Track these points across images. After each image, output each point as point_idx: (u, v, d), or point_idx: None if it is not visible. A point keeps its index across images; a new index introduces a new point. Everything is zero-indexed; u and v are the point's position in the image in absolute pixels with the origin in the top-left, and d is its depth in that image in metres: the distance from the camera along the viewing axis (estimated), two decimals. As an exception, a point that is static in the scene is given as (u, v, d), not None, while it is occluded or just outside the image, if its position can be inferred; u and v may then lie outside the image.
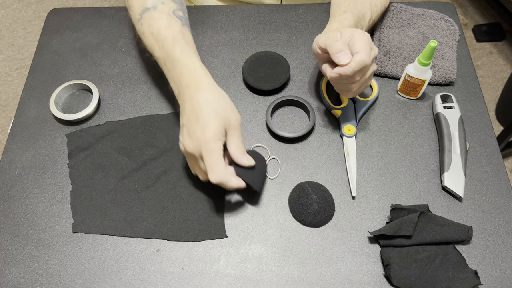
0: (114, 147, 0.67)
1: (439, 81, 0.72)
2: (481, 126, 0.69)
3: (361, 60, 0.56)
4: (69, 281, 0.58)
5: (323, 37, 0.60)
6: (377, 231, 0.58)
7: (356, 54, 0.56)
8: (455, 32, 0.77)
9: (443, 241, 0.58)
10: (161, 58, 0.62)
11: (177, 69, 0.59)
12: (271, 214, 0.62)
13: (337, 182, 0.65)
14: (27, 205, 0.63)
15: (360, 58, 0.56)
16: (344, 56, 0.56)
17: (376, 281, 0.57)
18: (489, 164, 0.66)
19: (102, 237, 0.61)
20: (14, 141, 0.69)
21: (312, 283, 0.57)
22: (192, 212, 0.62)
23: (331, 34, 0.59)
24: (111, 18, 0.82)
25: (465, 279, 0.56)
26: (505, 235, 0.60)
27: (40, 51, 0.78)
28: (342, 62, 0.56)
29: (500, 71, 1.71)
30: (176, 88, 0.60)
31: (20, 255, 0.60)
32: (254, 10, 0.83)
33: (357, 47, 0.57)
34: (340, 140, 0.68)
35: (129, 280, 0.58)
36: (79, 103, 0.73)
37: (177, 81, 0.59)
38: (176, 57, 0.59)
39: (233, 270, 0.58)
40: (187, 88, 0.58)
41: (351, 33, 0.58)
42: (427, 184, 0.64)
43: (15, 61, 1.76)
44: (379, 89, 0.73)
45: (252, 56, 0.74)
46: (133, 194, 0.64)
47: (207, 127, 0.54)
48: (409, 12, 0.79)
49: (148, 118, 0.70)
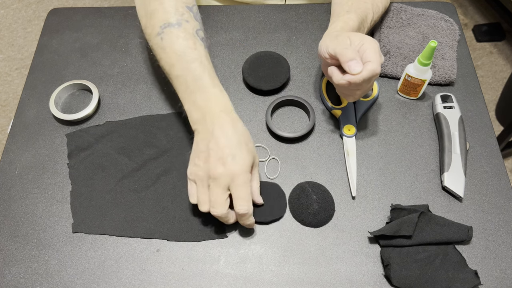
0: (114, 147, 0.67)
1: (439, 81, 0.72)
2: (481, 126, 0.69)
3: (372, 70, 0.56)
4: (69, 281, 0.58)
5: (332, 43, 0.59)
6: (377, 231, 0.58)
7: (367, 63, 0.56)
8: (455, 32, 0.77)
9: (443, 241, 0.58)
10: (181, 78, 0.60)
11: (205, 95, 0.58)
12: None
13: (337, 182, 0.65)
14: (27, 205, 0.63)
15: (372, 68, 0.56)
16: (356, 65, 0.56)
17: (376, 281, 0.57)
18: (489, 164, 0.66)
19: (102, 237, 0.61)
20: (14, 141, 0.69)
21: (312, 283, 0.57)
22: (192, 212, 0.62)
23: (340, 41, 0.59)
24: (111, 18, 0.82)
25: (465, 279, 0.56)
26: (505, 235, 0.60)
27: (40, 51, 0.78)
28: (354, 71, 0.56)
29: (500, 71, 1.71)
30: (198, 112, 0.58)
31: (20, 255, 0.60)
32: (254, 10, 0.83)
33: (369, 56, 0.56)
34: (340, 140, 0.68)
35: (129, 280, 0.58)
36: (79, 103, 0.73)
37: (203, 106, 0.58)
38: (204, 84, 0.59)
39: (233, 270, 0.58)
40: (218, 116, 0.57)
41: (361, 40, 0.58)
42: (427, 184, 0.64)
43: (15, 61, 1.76)
44: (379, 89, 0.73)
45: (252, 56, 0.74)
46: (133, 194, 0.64)
47: (243, 159, 0.55)
48: (409, 12, 0.79)
49: (148, 118, 0.70)
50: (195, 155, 0.58)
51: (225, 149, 0.55)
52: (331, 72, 0.60)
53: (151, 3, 0.65)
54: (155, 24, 0.63)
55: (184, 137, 0.68)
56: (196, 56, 0.60)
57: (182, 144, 0.68)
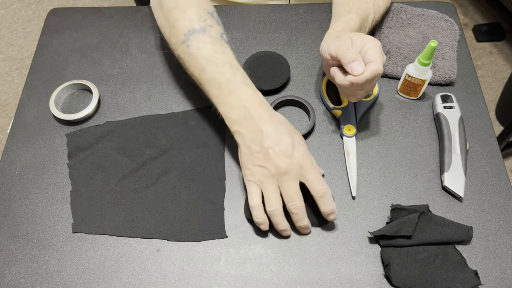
0: (114, 147, 0.67)
1: (439, 81, 0.72)
2: (481, 126, 0.69)
3: (375, 70, 0.56)
4: (69, 281, 0.58)
5: (334, 44, 0.59)
6: (377, 231, 0.58)
7: (370, 64, 0.56)
8: (455, 32, 0.77)
9: (443, 241, 0.58)
10: (214, 81, 0.61)
11: (241, 95, 0.59)
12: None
13: (337, 182, 0.65)
14: (27, 205, 0.63)
15: (374, 68, 0.56)
16: (359, 66, 0.56)
17: (376, 281, 0.57)
18: (489, 164, 0.66)
19: (102, 237, 0.61)
20: (14, 141, 0.69)
21: (312, 283, 0.57)
22: (192, 212, 0.62)
23: (342, 42, 0.59)
24: (111, 18, 0.82)
25: (465, 279, 0.56)
26: (505, 235, 0.60)
27: (40, 51, 0.78)
28: (356, 72, 0.56)
29: (500, 71, 1.71)
30: (236, 113, 0.59)
31: (20, 255, 0.60)
32: (254, 10, 0.83)
33: (371, 56, 0.56)
34: (340, 140, 0.68)
35: (129, 280, 0.58)
36: (79, 103, 0.73)
37: (240, 106, 0.59)
38: (238, 84, 0.60)
39: (233, 270, 0.58)
40: (258, 114, 0.58)
41: (363, 40, 0.58)
42: (427, 184, 0.64)
43: (15, 61, 1.76)
44: (379, 89, 0.73)
45: (252, 56, 0.74)
46: (133, 194, 0.64)
47: (301, 146, 0.57)
48: (409, 12, 0.79)
49: (148, 118, 0.70)
50: (251, 158, 0.58)
51: (283, 143, 0.57)
52: (334, 73, 0.60)
53: (172, 12, 0.65)
54: (179, 32, 0.63)
55: (184, 137, 0.68)
56: (225, 59, 0.61)
57: (182, 144, 0.68)
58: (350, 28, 0.64)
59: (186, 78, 0.74)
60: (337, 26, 0.64)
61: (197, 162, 0.66)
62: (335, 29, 0.64)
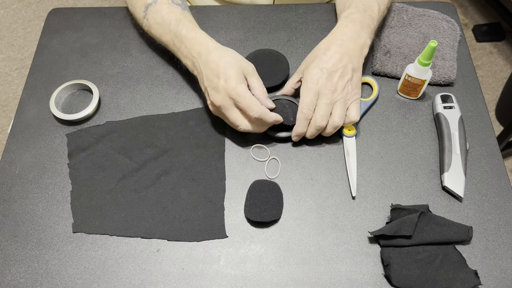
0: (114, 147, 0.67)
1: (439, 81, 0.72)
2: (481, 126, 0.69)
3: (317, 125, 0.63)
4: (69, 281, 0.58)
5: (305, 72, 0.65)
6: (377, 231, 0.58)
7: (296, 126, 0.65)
8: (456, 32, 0.77)
9: (443, 241, 0.58)
10: (170, 41, 0.68)
11: (186, 44, 0.65)
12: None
13: (337, 182, 0.65)
14: (27, 205, 0.63)
15: (317, 124, 0.63)
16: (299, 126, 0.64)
17: (376, 281, 0.57)
18: (489, 164, 0.66)
19: (102, 237, 0.61)
20: (14, 141, 0.69)
21: (312, 283, 0.57)
22: (192, 212, 0.62)
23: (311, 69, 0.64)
24: (111, 18, 0.82)
25: (465, 279, 0.56)
26: (505, 235, 0.60)
27: (40, 51, 0.78)
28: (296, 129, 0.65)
29: (500, 71, 1.71)
30: (189, 61, 0.66)
31: (20, 255, 0.60)
32: (254, 10, 0.83)
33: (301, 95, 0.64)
34: (340, 140, 0.68)
35: (129, 280, 0.58)
36: (79, 103, 0.73)
37: (188, 54, 0.65)
38: (182, 34, 0.66)
39: (233, 270, 0.58)
40: (199, 55, 0.64)
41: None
42: (427, 184, 0.64)
43: (15, 61, 1.76)
44: (379, 89, 0.73)
45: (251, 53, 0.74)
46: (133, 194, 0.64)
47: (229, 77, 0.60)
48: (410, 12, 0.79)
49: (148, 118, 0.70)
50: (205, 98, 0.65)
51: (214, 80, 0.61)
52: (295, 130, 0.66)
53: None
54: (139, 10, 0.72)
55: (184, 137, 0.68)
56: (172, 18, 0.67)
57: (182, 144, 0.68)
58: (352, 19, 0.66)
59: (186, 78, 0.74)
60: (337, 26, 0.67)
61: (197, 162, 0.66)
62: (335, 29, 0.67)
